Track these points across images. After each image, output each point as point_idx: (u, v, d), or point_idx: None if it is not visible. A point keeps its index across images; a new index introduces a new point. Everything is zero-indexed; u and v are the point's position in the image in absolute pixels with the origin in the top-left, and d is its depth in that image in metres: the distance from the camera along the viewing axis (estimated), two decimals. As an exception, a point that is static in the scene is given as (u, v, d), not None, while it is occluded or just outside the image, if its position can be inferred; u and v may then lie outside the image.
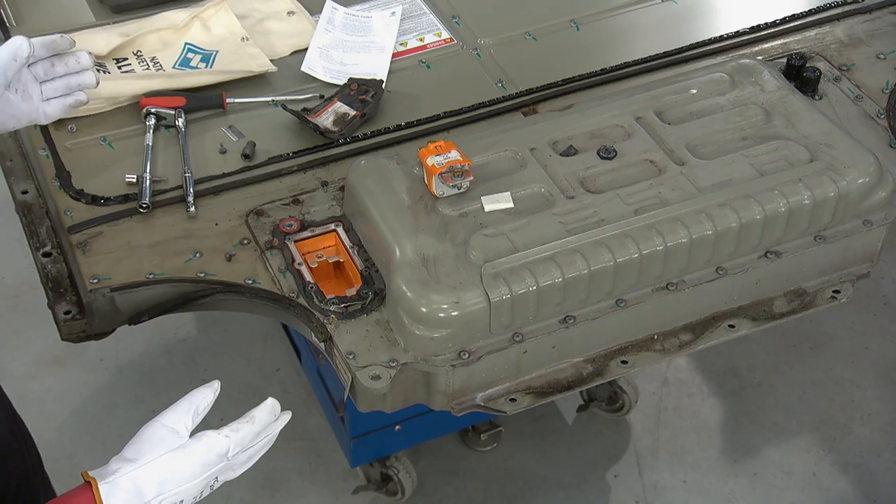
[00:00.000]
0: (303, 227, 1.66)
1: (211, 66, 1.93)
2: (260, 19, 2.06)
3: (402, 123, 1.87)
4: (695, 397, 2.76)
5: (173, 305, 1.61)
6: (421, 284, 1.48)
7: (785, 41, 2.04)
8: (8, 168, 1.78)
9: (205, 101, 1.87)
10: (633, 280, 1.57)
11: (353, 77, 1.92)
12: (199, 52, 1.96)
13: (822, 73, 1.91)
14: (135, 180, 1.72)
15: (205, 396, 1.31)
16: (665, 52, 2.01)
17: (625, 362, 1.61)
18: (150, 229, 1.67)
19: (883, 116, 1.88)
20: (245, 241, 1.66)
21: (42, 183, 1.74)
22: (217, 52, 1.96)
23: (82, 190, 1.72)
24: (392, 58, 2.00)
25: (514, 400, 1.57)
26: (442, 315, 1.47)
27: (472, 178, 1.60)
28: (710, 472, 2.61)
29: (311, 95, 1.91)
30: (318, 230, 1.66)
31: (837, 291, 1.70)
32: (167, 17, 1.99)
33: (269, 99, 1.90)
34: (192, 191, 1.71)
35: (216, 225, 1.69)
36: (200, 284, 1.60)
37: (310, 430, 2.66)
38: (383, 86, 1.92)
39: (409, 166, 1.64)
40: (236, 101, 1.88)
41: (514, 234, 1.55)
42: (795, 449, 2.65)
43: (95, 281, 1.58)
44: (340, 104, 1.88)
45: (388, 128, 1.86)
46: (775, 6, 2.11)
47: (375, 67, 1.98)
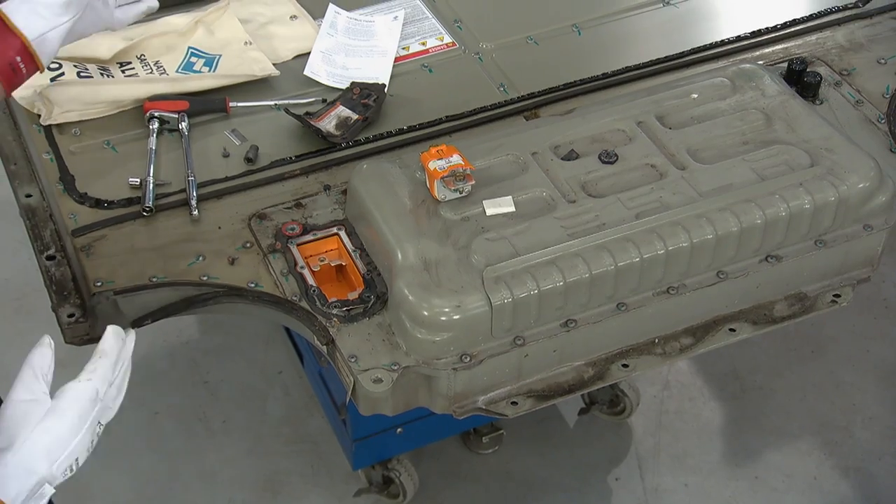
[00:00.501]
0: (305, 231, 1.67)
1: (214, 70, 1.94)
2: (263, 23, 2.06)
3: (405, 127, 1.87)
4: (696, 401, 2.76)
5: (176, 309, 1.61)
6: (423, 288, 1.49)
7: (786, 46, 2.05)
8: (12, 171, 1.78)
9: (208, 105, 1.88)
10: (634, 284, 1.58)
11: (356, 81, 1.93)
12: (202, 56, 1.97)
13: (822, 78, 1.91)
14: (138, 184, 1.73)
15: (43, 356, 1.26)
16: (666, 57, 2.01)
17: (626, 366, 1.62)
18: (154, 233, 1.68)
19: (883, 121, 1.88)
20: (248, 245, 1.66)
21: (46, 186, 1.74)
22: (220, 56, 1.97)
23: (86, 193, 1.73)
24: (394, 62, 2.01)
25: (515, 403, 1.57)
26: (444, 319, 1.48)
27: (473, 182, 1.60)
28: (712, 475, 2.61)
29: (313, 99, 1.91)
30: (320, 234, 1.66)
31: (838, 295, 1.71)
32: (171, 22, 1.99)
33: (272, 103, 1.91)
34: (195, 194, 1.72)
35: (219, 228, 1.69)
36: (203, 288, 1.60)
37: (312, 433, 2.66)
38: (386, 90, 1.93)
39: (412, 170, 1.64)
40: (239, 104, 1.89)
41: (516, 238, 1.55)
42: (796, 452, 2.65)
43: (99, 284, 1.59)
44: (343, 108, 1.88)
45: (391, 132, 1.86)
46: (776, 11, 2.12)
47: (378, 71, 1.98)
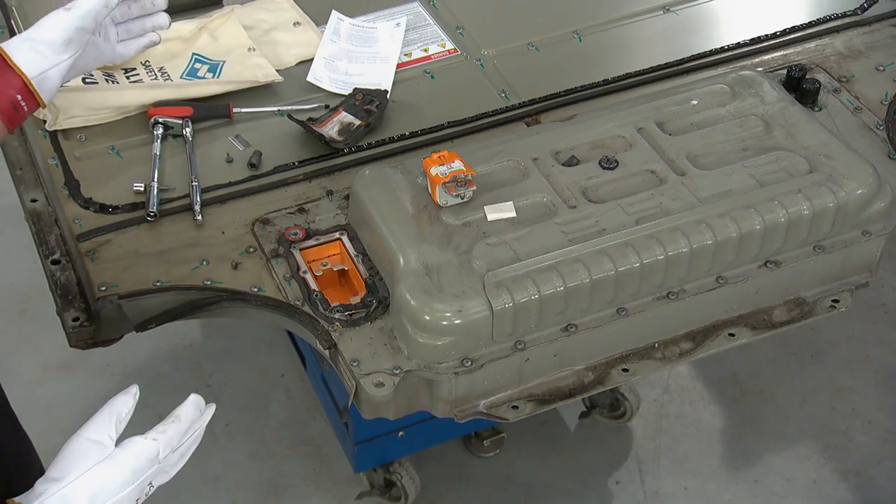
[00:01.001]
0: (308, 236, 1.67)
1: (218, 77, 1.94)
2: (266, 30, 2.07)
3: (407, 133, 1.88)
4: (696, 404, 2.76)
5: (180, 313, 1.62)
6: (424, 293, 1.49)
7: (785, 53, 2.05)
8: (18, 177, 1.79)
9: (212, 111, 1.88)
10: (634, 289, 1.58)
11: (358, 87, 1.93)
12: (206, 63, 1.97)
13: (821, 85, 1.91)
14: (142, 189, 1.73)
15: (125, 403, 1.25)
16: (666, 64, 2.01)
17: (626, 370, 1.62)
18: (158, 237, 1.68)
19: (882, 128, 1.88)
20: (251, 250, 1.67)
21: (51, 192, 1.75)
22: (224, 62, 1.98)
23: (91, 198, 1.73)
24: (397, 68, 2.01)
25: (516, 407, 1.57)
26: (445, 323, 1.48)
27: (475, 187, 1.61)
28: (712, 479, 2.61)
29: (316, 105, 1.92)
30: (322, 239, 1.67)
31: (836, 301, 1.71)
32: (175, 28, 1.98)
33: (276, 109, 1.91)
34: (198, 199, 1.72)
35: (222, 233, 1.70)
36: (207, 292, 1.61)
37: (314, 436, 2.67)
38: (388, 96, 1.93)
39: (413, 176, 1.65)
40: (243, 110, 1.89)
41: (517, 244, 1.55)
42: (796, 456, 2.65)
43: (103, 288, 1.59)
44: (345, 114, 1.89)
45: (393, 137, 1.87)
46: (776, 18, 2.12)
47: (380, 78, 1.99)
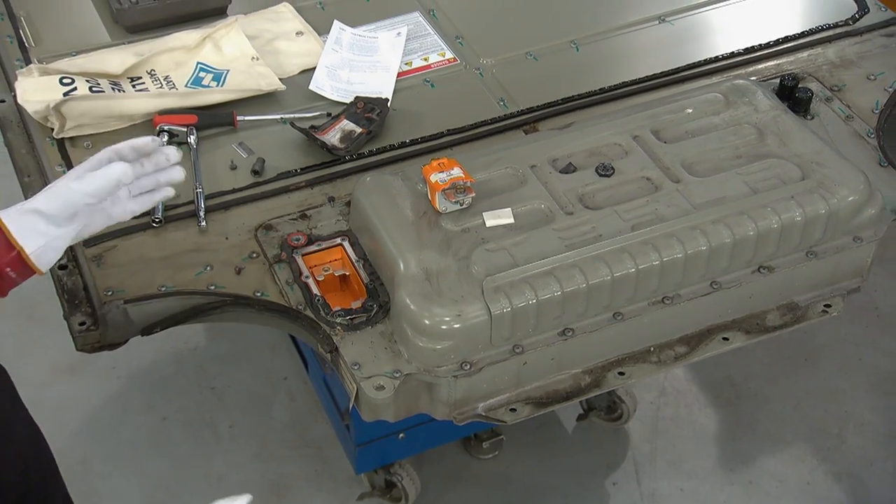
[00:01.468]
0: (310, 242, 1.67)
1: (222, 85, 1.95)
2: (270, 39, 2.07)
3: (407, 141, 1.88)
4: (692, 407, 2.76)
5: (184, 317, 1.62)
6: (424, 297, 1.50)
7: (778, 62, 2.06)
8: (26, 183, 1.79)
9: (216, 119, 1.89)
10: (629, 294, 1.58)
11: (360, 96, 1.94)
12: (210, 72, 1.98)
13: (814, 94, 1.92)
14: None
15: None
16: (662, 73, 2.02)
17: (622, 374, 1.62)
18: (163, 243, 1.69)
19: (873, 136, 1.89)
20: (254, 255, 1.67)
21: (58, 198, 1.75)
22: (228, 71, 1.98)
23: (97, 205, 1.73)
24: (397, 77, 2.02)
25: (514, 410, 1.57)
26: (444, 327, 1.48)
27: (474, 194, 1.61)
28: (707, 480, 2.61)
29: (318, 113, 1.92)
30: (324, 244, 1.67)
31: (829, 305, 1.71)
32: (180, 38, 2.01)
33: (279, 117, 1.92)
34: (203, 206, 1.73)
35: (226, 239, 1.70)
36: (211, 297, 1.61)
37: (316, 438, 2.66)
38: (389, 104, 1.93)
39: (413, 183, 1.65)
40: (246, 118, 1.90)
41: (515, 249, 1.56)
42: (790, 458, 2.65)
43: (109, 293, 1.60)
44: (347, 122, 1.89)
45: (393, 145, 1.87)
46: (769, 28, 2.13)
47: (381, 86, 1.99)
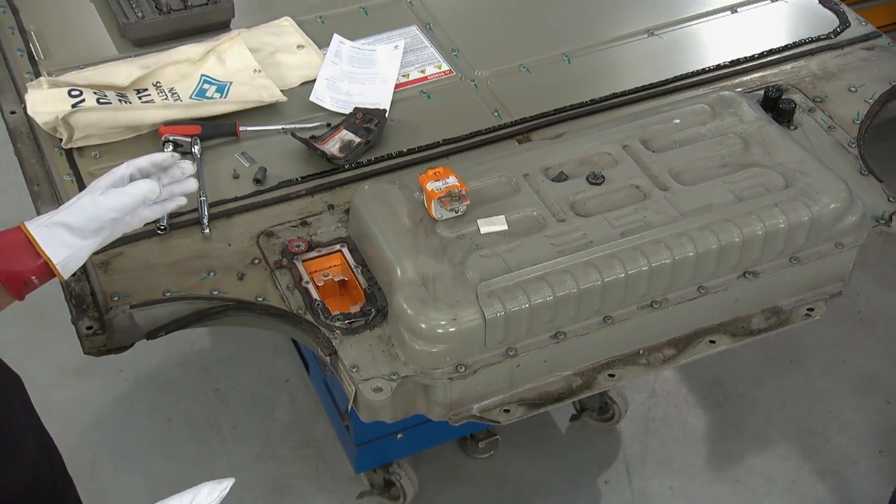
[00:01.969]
0: (310, 248, 1.68)
1: (225, 97, 1.95)
2: (271, 52, 2.08)
3: (404, 150, 1.88)
4: (681, 408, 2.77)
5: (188, 321, 1.62)
6: (420, 302, 1.50)
7: (763, 74, 2.06)
8: (35, 192, 1.79)
9: (219, 130, 1.89)
10: (619, 298, 1.59)
11: (359, 106, 1.94)
12: (214, 84, 1.98)
13: (797, 105, 1.93)
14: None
15: (211, 493, 1.19)
16: (650, 84, 2.03)
17: (612, 375, 1.62)
18: (168, 250, 1.69)
19: (854, 145, 1.89)
20: (256, 261, 1.67)
21: (67, 206, 1.75)
22: (231, 83, 1.98)
23: (104, 212, 1.74)
24: (395, 88, 2.02)
25: (507, 411, 1.58)
26: (440, 331, 1.49)
27: (468, 202, 1.61)
28: (696, 478, 2.61)
29: (318, 124, 1.93)
30: (324, 250, 1.67)
31: (812, 309, 1.71)
32: (185, 51, 2.01)
33: (280, 127, 1.92)
34: (206, 213, 1.73)
35: (229, 246, 1.70)
36: (214, 302, 1.61)
37: (317, 438, 2.67)
38: (386, 115, 1.94)
39: (410, 191, 1.65)
40: (249, 129, 1.90)
41: (508, 255, 1.56)
42: (776, 457, 2.65)
43: (116, 298, 1.60)
44: (346, 132, 1.90)
45: (391, 154, 1.88)
46: (754, 41, 2.13)
47: (379, 97, 2.00)
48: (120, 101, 1.90)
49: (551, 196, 1.66)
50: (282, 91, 1.98)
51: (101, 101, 1.88)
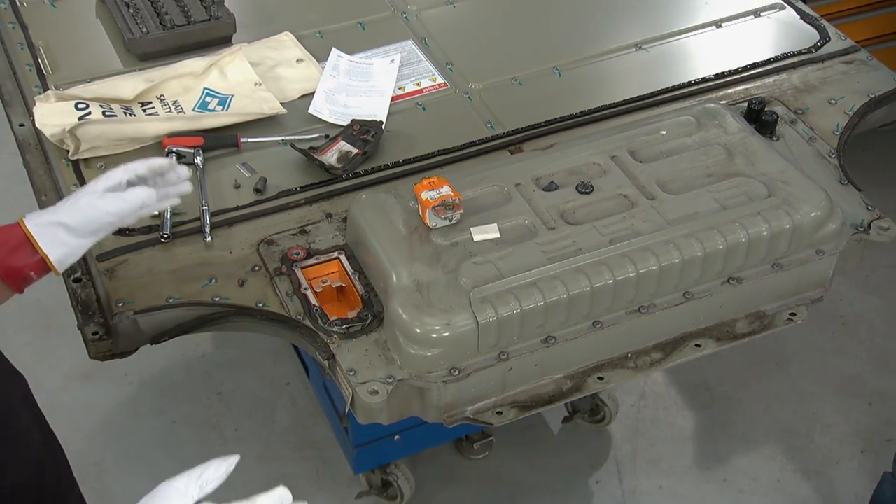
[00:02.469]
0: (309, 255, 1.68)
1: (227, 109, 1.96)
2: (272, 66, 2.08)
3: (400, 161, 1.89)
4: (670, 409, 2.77)
5: (191, 326, 1.63)
6: (415, 308, 1.50)
7: (746, 87, 2.07)
8: (43, 202, 1.80)
9: (221, 141, 1.90)
10: (608, 304, 1.59)
11: (356, 118, 1.95)
12: (216, 97, 1.99)
13: (779, 117, 1.93)
14: (157, 213, 1.75)
15: (218, 468, 1.22)
16: (638, 97, 2.03)
17: (601, 378, 1.63)
18: (171, 257, 1.69)
19: (834, 156, 1.90)
20: (256, 268, 1.68)
21: (73, 215, 1.75)
22: (233, 96, 1.99)
23: (109, 221, 1.74)
24: (391, 101, 2.03)
25: (500, 413, 1.58)
26: (434, 336, 1.49)
27: (462, 210, 1.62)
28: (684, 478, 2.61)
29: (317, 135, 1.93)
30: (322, 258, 1.68)
31: (794, 314, 1.72)
32: (188, 65, 2.01)
33: (280, 138, 1.92)
34: (208, 222, 1.74)
35: (230, 253, 1.71)
36: (215, 308, 1.62)
37: (317, 440, 2.66)
38: (383, 126, 1.94)
39: (406, 200, 1.66)
40: (250, 140, 1.91)
41: (501, 262, 1.56)
42: (761, 457, 2.65)
43: (121, 304, 1.60)
44: (344, 143, 1.90)
45: (387, 165, 1.88)
46: (738, 55, 2.14)
47: (376, 109, 2.01)
48: (125, 113, 1.91)
49: (542, 205, 1.67)
50: (282, 103, 1.98)
51: (106, 113, 1.89)
